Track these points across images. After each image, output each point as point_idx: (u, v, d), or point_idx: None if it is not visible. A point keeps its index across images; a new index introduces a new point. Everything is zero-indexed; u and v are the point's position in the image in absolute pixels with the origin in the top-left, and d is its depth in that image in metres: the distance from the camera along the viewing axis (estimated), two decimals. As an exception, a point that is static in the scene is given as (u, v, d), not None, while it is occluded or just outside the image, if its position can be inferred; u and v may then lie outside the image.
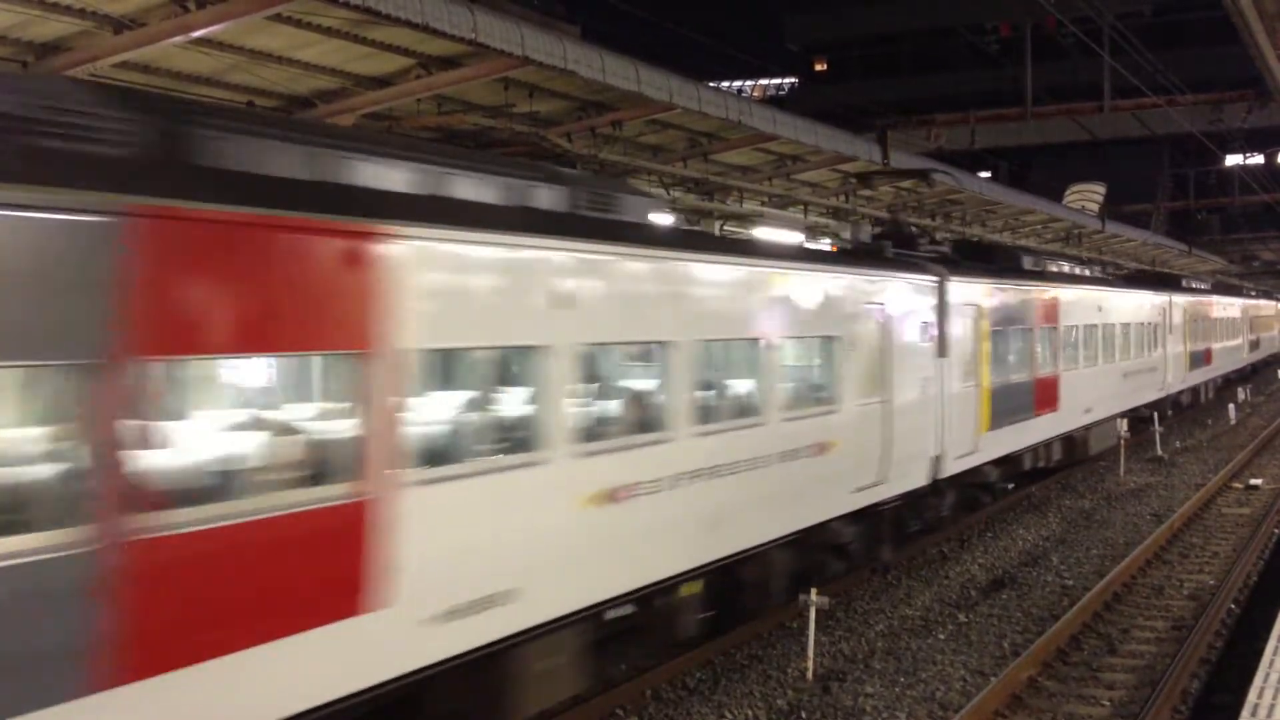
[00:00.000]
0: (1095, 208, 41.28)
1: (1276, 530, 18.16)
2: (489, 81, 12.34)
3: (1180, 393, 33.35)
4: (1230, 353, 43.26)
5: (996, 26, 62.21)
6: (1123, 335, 25.72)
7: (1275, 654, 8.95)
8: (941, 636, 12.69)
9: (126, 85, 10.72)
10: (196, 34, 9.77)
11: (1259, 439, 29.40)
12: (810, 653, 11.39)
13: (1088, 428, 23.17)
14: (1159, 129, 35.33)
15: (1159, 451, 26.80)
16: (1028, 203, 28.99)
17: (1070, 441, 22.38)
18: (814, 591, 11.53)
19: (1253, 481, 23.02)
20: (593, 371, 9.40)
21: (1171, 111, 30.82)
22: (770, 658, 11.85)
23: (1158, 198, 56.34)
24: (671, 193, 18.27)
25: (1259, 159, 40.09)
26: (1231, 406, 34.05)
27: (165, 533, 5.86)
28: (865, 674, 11.38)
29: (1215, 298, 40.09)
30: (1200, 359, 36.23)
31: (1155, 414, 28.40)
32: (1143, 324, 27.83)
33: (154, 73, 11.00)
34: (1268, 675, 8.39)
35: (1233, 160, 41.80)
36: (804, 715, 10.34)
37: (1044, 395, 20.07)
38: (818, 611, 11.54)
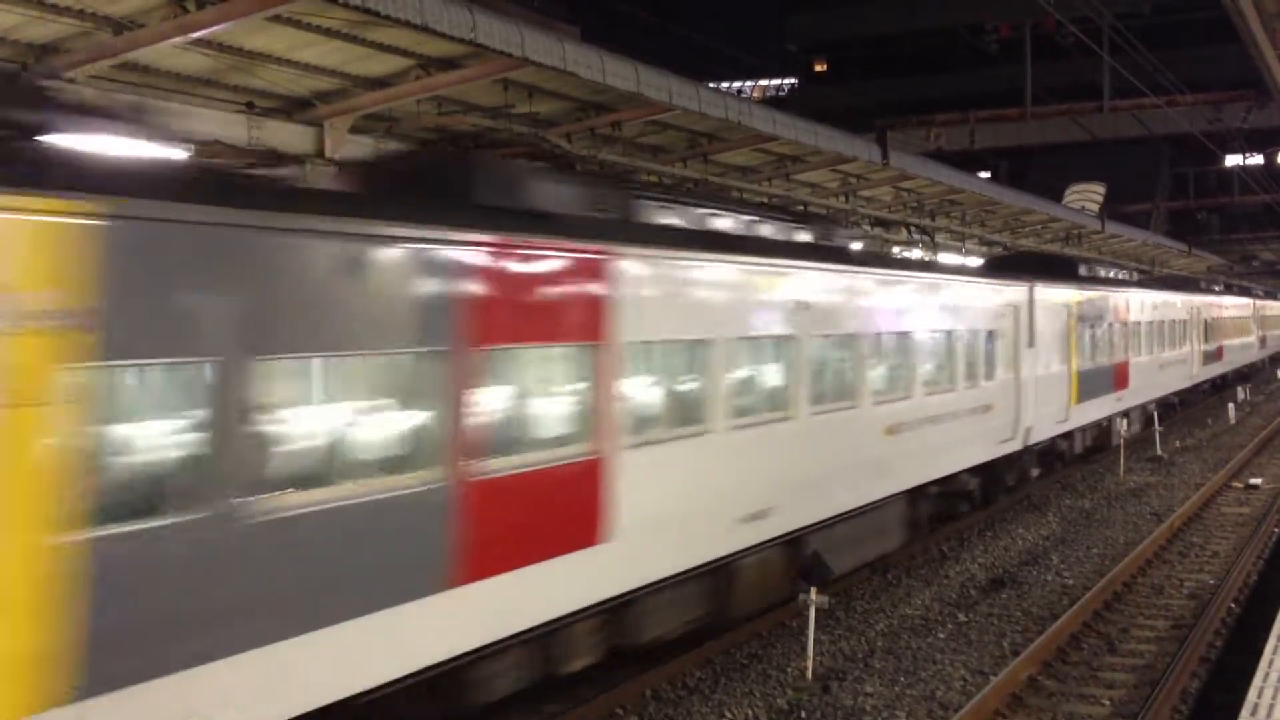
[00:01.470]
0: (1095, 208, 41.29)
1: (1276, 530, 18.17)
2: (488, 82, 12.34)
3: (1056, 438, 21.65)
4: (1164, 370, 31.03)
5: (996, 26, 62.15)
6: (878, 355, 14.27)
7: (1275, 654, 8.95)
8: (941, 636, 12.70)
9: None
10: (196, 35, 9.77)
11: (1259, 438, 29.41)
12: (810, 652, 11.40)
13: (785, 547, 12.30)
14: (1159, 129, 35.35)
15: (1159, 451, 26.80)
16: (1027, 203, 28.98)
17: (722, 590, 11.51)
18: (814, 591, 11.53)
19: (1252, 481, 23.03)
20: None
21: (1171, 111, 30.84)
22: (770, 657, 11.86)
23: (1158, 198, 56.35)
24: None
25: (1259, 159, 40.10)
26: (1231, 406, 34.05)
27: None
28: (865, 673, 11.39)
29: (1134, 294, 28.18)
30: (1101, 383, 24.32)
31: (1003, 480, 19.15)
32: (954, 334, 16.45)
33: (154, 73, 11.01)
34: (1267, 675, 8.39)
35: (1232, 160, 41.80)
36: (804, 715, 10.35)
37: (520, 523, 8.69)
38: (817, 611, 11.55)
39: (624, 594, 9.87)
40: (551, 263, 9.16)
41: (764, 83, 79.62)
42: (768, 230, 13.15)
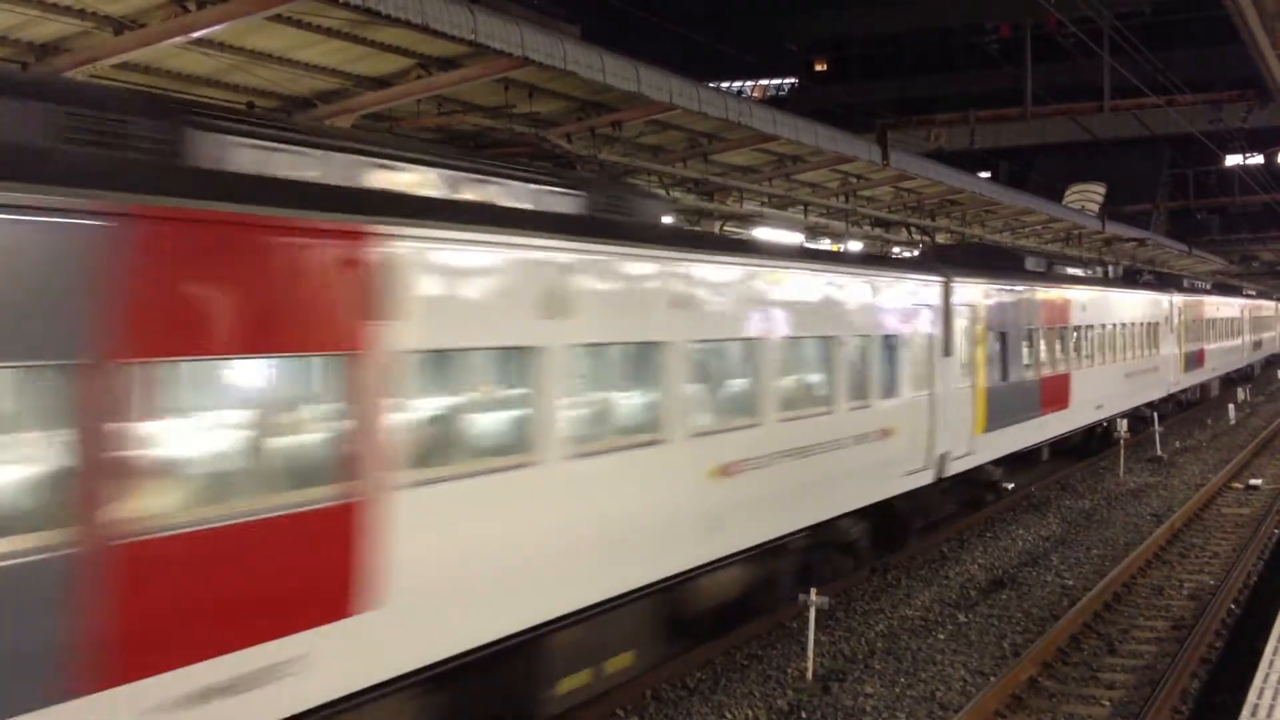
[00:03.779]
0: (1095, 208, 41.31)
1: (1276, 530, 18.17)
2: (489, 82, 12.35)
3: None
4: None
5: (996, 26, 62.17)
6: None
7: (1275, 654, 8.96)
8: (941, 636, 12.69)
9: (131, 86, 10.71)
10: (196, 34, 9.79)
11: (1259, 439, 29.41)
12: (810, 653, 11.40)
13: None
14: (1159, 129, 35.29)
15: (1159, 451, 26.80)
16: (1027, 203, 29.00)
17: None
18: (814, 592, 11.54)
19: (1253, 481, 23.03)
20: None
21: (1171, 111, 30.79)
22: (770, 658, 11.85)
23: (1158, 198, 56.31)
24: (671, 193, 18.28)
25: (1259, 159, 39.98)
26: (1231, 407, 34.05)
27: None
28: (865, 674, 11.38)
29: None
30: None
31: None
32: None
33: (154, 73, 11.02)
34: (1268, 675, 8.40)
35: (1233, 160, 41.71)
36: (804, 715, 10.35)
37: None
38: (817, 611, 11.55)
39: None
40: None
41: (764, 83, 79.64)
42: None
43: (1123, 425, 25.06)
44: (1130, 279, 32.43)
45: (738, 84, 70.39)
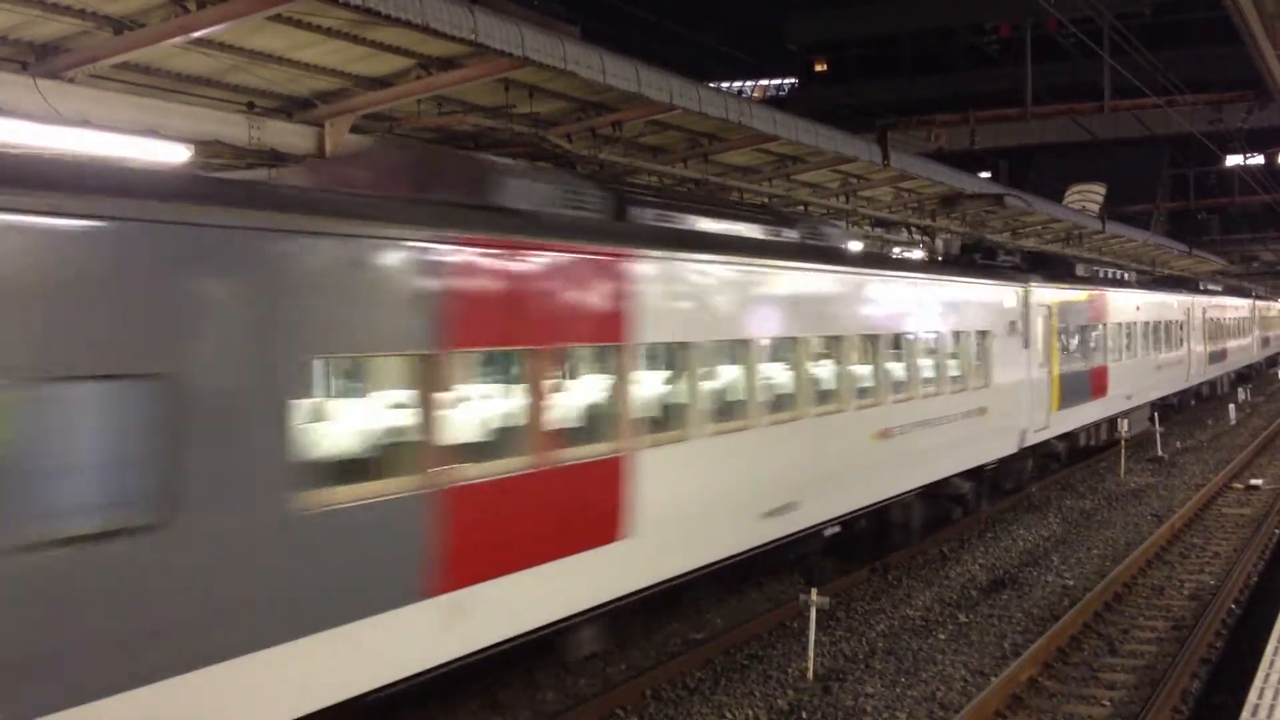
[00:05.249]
0: (1095, 208, 41.27)
1: (1277, 530, 18.16)
2: (489, 82, 12.35)
3: None
4: None
5: (996, 26, 62.18)
6: None
7: (1275, 654, 8.95)
8: (942, 636, 12.69)
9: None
10: (196, 34, 9.78)
11: (1259, 439, 29.41)
12: (811, 653, 11.40)
13: None
14: (1159, 129, 35.30)
15: (1159, 452, 26.79)
16: (1027, 203, 28.95)
17: None
18: (814, 592, 11.54)
19: (1253, 482, 23.02)
20: None
21: (1171, 111, 30.79)
22: (770, 658, 11.85)
23: (1158, 198, 56.30)
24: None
25: (1259, 159, 39.95)
26: (1231, 407, 34.05)
27: None
28: (866, 674, 11.38)
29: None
30: None
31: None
32: None
33: (154, 73, 11.01)
34: (1268, 675, 8.39)
35: (1233, 160, 41.70)
36: (804, 715, 10.35)
37: None
38: (818, 611, 11.55)
39: None
40: None
41: (764, 83, 79.67)
42: None
43: (1124, 425, 25.02)
44: (967, 260, 20.82)
45: (738, 84, 70.42)
